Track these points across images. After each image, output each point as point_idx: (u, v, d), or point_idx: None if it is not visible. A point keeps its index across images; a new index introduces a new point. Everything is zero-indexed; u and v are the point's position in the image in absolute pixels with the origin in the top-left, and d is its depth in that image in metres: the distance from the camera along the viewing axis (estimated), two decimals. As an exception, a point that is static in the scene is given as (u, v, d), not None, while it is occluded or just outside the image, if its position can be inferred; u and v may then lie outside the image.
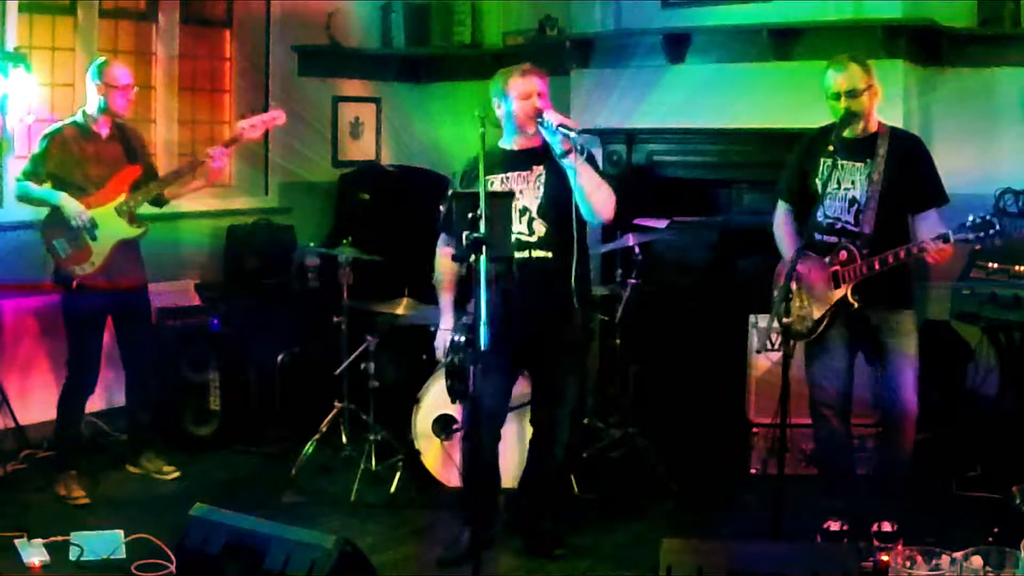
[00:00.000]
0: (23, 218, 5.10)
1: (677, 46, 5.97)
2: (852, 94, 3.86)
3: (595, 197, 3.87)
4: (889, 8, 5.25)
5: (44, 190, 4.56)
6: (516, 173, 4.00)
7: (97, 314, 4.72)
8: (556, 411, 4.14)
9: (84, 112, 4.70)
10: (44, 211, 4.63)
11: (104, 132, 4.71)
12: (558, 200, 3.92)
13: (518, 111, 3.95)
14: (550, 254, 3.96)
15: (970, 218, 3.66)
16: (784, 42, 5.57)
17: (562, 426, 4.17)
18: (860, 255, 3.87)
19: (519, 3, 6.97)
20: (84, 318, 4.68)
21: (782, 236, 4.17)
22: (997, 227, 3.61)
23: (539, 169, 3.98)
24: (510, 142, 4.08)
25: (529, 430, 4.31)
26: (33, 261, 4.76)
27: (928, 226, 3.85)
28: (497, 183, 3.96)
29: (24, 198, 4.68)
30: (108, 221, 4.63)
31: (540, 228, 3.96)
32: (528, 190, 3.98)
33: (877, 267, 3.82)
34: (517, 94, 3.95)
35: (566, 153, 3.78)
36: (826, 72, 3.93)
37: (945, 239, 3.68)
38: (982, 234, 3.63)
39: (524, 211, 3.96)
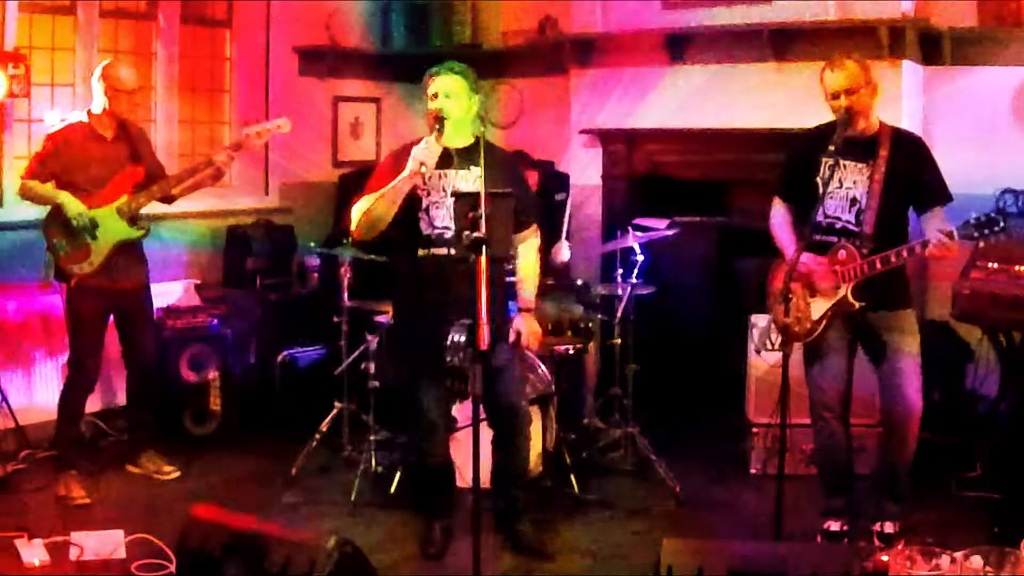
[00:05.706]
0: (25, 217, 5.09)
1: (677, 46, 5.97)
2: (851, 92, 3.84)
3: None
4: (890, 8, 5.26)
5: (46, 189, 4.55)
6: (456, 171, 3.99)
7: (96, 314, 4.70)
8: (505, 402, 4.07)
9: (89, 112, 4.68)
10: (46, 210, 4.62)
11: (109, 133, 4.69)
12: None
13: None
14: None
15: (974, 215, 3.65)
16: (784, 42, 5.58)
17: (519, 417, 4.14)
18: (860, 254, 3.86)
19: (519, 3, 6.97)
20: (83, 317, 4.67)
21: (781, 234, 4.15)
22: (1002, 224, 3.60)
23: (477, 171, 3.89)
24: (452, 140, 4.02)
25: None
26: (35, 261, 4.75)
27: (934, 225, 3.82)
28: (442, 177, 3.98)
29: (26, 196, 4.67)
30: (108, 221, 4.61)
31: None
32: (468, 189, 3.89)
33: (879, 266, 3.80)
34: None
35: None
36: (824, 73, 3.92)
37: (949, 236, 3.67)
38: (987, 231, 3.62)
39: None
